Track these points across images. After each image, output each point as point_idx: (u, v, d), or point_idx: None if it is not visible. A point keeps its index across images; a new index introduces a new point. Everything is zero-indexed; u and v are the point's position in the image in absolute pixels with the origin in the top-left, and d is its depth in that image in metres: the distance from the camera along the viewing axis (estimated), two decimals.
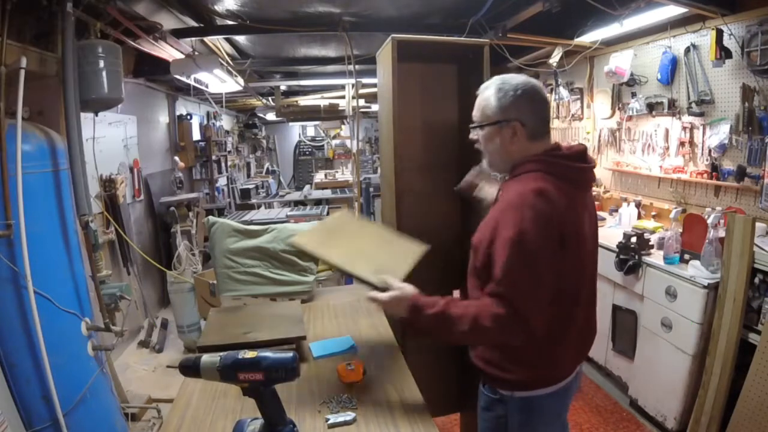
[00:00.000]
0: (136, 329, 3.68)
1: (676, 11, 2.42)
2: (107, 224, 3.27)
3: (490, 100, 1.19)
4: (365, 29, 3.02)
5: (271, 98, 5.96)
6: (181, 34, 2.86)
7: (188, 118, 5.34)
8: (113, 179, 3.35)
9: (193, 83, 3.52)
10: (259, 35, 3.22)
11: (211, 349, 1.30)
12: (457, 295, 1.81)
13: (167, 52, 2.94)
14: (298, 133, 10.75)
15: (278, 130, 10.50)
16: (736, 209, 2.36)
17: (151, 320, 3.74)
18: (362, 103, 5.43)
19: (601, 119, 3.57)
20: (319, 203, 5.02)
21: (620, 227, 3.02)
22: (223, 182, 6.53)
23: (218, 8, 2.75)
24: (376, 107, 3.34)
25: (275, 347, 1.43)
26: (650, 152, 3.07)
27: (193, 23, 2.88)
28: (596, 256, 1.30)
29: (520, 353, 1.17)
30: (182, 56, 3.05)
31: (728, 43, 2.34)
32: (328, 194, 5.46)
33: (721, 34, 2.32)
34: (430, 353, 1.89)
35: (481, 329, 1.07)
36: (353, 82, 3.57)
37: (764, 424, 1.89)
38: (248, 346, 1.18)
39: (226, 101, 5.68)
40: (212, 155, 5.89)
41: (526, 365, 1.19)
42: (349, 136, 7.50)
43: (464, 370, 1.92)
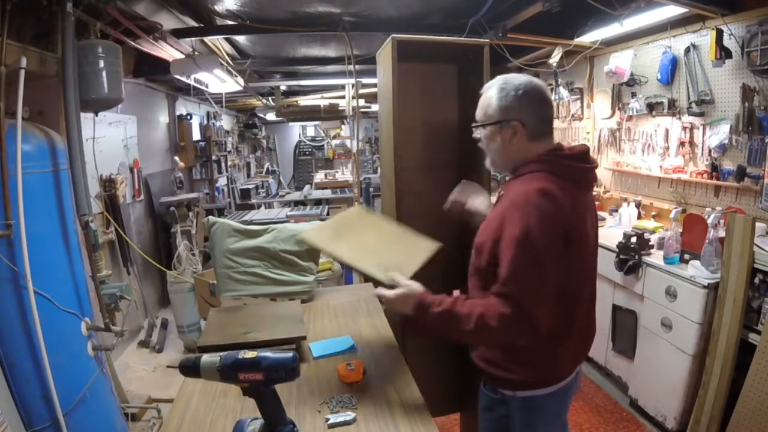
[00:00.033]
0: (136, 329, 3.68)
1: (676, 11, 2.42)
2: (107, 224, 3.27)
3: (491, 99, 1.19)
4: (365, 29, 3.02)
5: (271, 98, 5.96)
6: (181, 34, 2.86)
7: (188, 118, 5.33)
8: (113, 179, 3.35)
9: (193, 83, 3.52)
10: (259, 35, 3.22)
11: (211, 349, 1.30)
12: (457, 294, 1.81)
13: (167, 52, 2.94)
14: (298, 133, 10.75)
15: (278, 130, 10.50)
16: (736, 209, 2.36)
17: (151, 320, 3.74)
18: (362, 103, 5.43)
19: (601, 119, 3.57)
20: (319, 203, 5.02)
21: (620, 227, 3.02)
22: (223, 182, 6.52)
23: (218, 8, 2.76)
24: (376, 107, 3.34)
25: (275, 347, 1.43)
26: (650, 152, 3.07)
27: (193, 23, 2.88)
28: (596, 255, 1.30)
29: (523, 353, 1.17)
30: (182, 56, 3.05)
31: (728, 43, 2.34)
32: (328, 194, 5.46)
33: (721, 34, 2.32)
34: (430, 353, 1.89)
35: (486, 328, 1.07)
36: (353, 82, 3.57)
37: (764, 424, 1.89)
38: (248, 346, 1.18)
39: (226, 101, 5.67)
40: (212, 155, 5.89)
41: (529, 365, 1.19)
42: (349, 136, 7.50)
43: (464, 370, 1.92)
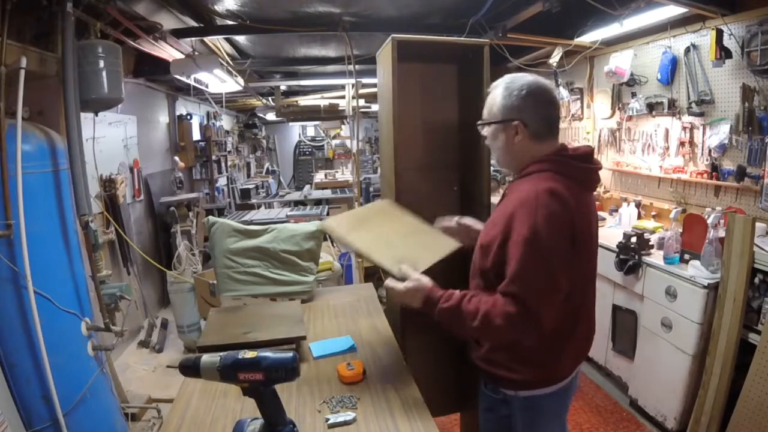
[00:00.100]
0: (136, 329, 3.68)
1: (676, 11, 2.42)
2: (107, 224, 3.27)
3: (497, 98, 1.20)
4: (365, 29, 3.02)
5: (271, 98, 5.96)
6: (181, 34, 2.86)
7: (188, 118, 5.33)
8: (113, 179, 3.35)
9: (193, 83, 3.52)
10: (259, 35, 3.22)
11: (211, 349, 1.31)
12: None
13: (167, 52, 2.94)
14: (298, 133, 10.75)
15: (278, 130, 10.50)
16: (736, 209, 2.36)
17: (151, 320, 3.74)
18: (362, 103, 5.43)
19: (601, 119, 3.57)
20: (319, 203, 5.03)
21: (620, 227, 3.02)
22: (223, 182, 6.52)
23: (218, 8, 2.75)
24: (376, 107, 3.34)
25: (275, 347, 1.43)
26: (650, 152, 3.07)
27: (193, 23, 2.88)
28: (597, 255, 1.30)
29: (527, 353, 1.18)
30: (182, 56, 3.05)
31: (728, 43, 2.34)
32: (328, 194, 5.46)
33: (721, 34, 2.32)
34: (430, 353, 1.88)
35: (491, 326, 1.08)
36: (353, 82, 3.56)
37: (764, 424, 1.89)
38: (248, 346, 1.18)
39: (226, 101, 5.67)
40: (212, 155, 5.89)
41: (533, 365, 1.19)
42: (349, 136, 7.49)
43: (464, 370, 1.91)
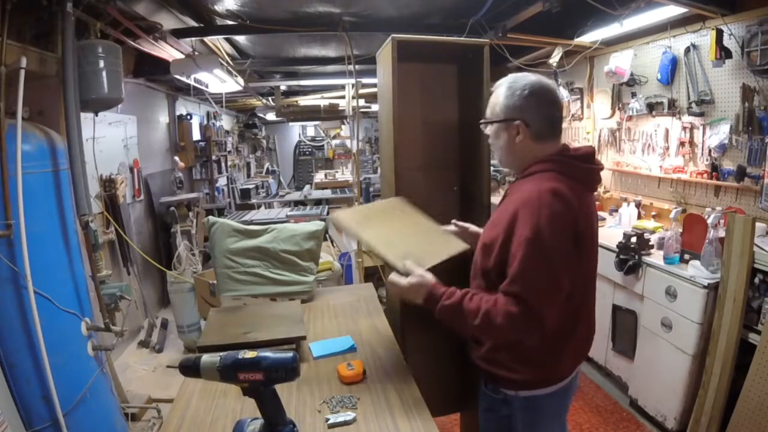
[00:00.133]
0: (136, 329, 3.68)
1: (676, 11, 2.42)
2: (107, 224, 3.27)
3: (499, 97, 1.20)
4: (365, 29, 3.02)
5: (271, 98, 5.96)
6: (181, 34, 2.86)
7: (188, 118, 5.33)
8: (113, 179, 3.35)
9: (193, 83, 3.52)
10: (259, 35, 3.22)
11: (211, 349, 1.31)
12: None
13: (167, 52, 2.94)
14: (298, 133, 10.75)
15: (278, 130, 10.50)
16: (736, 209, 2.36)
17: (151, 320, 3.74)
18: (362, 103, 5.43)
19: (601, 119, 3.57)
20: (319, 203, 5.03)
21: (620, 227, 3.02)
22: (223, 182, 6.52)
23: (218, 8, 2.75)
24: (376, 107, 3.34)
25: (275, 347, 1.43)
26: (650, 152, 3.07)
27: (193, 23, 2.88)
28: (597, 255, 1.30)
29: (529, 353, 1.18)
30: (182, 56, 3.05)
31: (728, 43, 2.34)
32: (328, 194, 5.47)
33: (721, 34, 2.32)
34: (430, 353, 1.88)
35: (492, 325, 1.08)
36: (353, 82, 3.56)
37: (764, 424, 1.89)
38: (248, 346, 1.18)
39: (226, 101, 5.67)
40: (212, 155, 5.89)
41: (534, 365, 1.19)
42: (349, 136, 7.50)
43: (464, 370, 1.91)
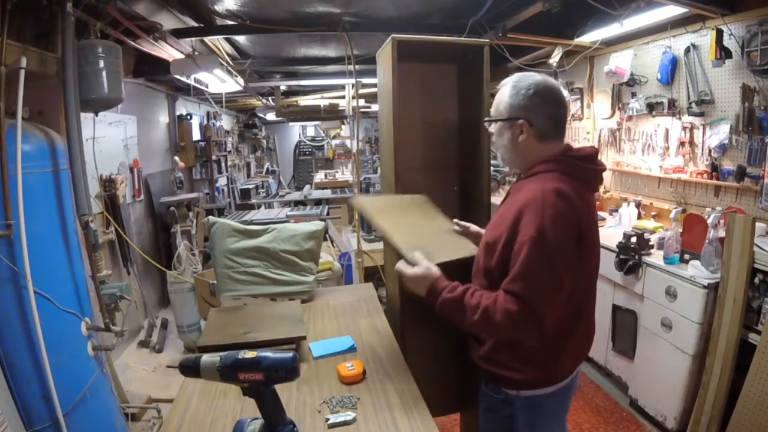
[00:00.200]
0: (136, 329, 3.68)
1: (676, 11, 2.42)
2: (107, 224, 3.27)
3: (504, 96, 1.20)
4: (365, 29, 3.02)
5: (271, 98, 5.96)
6: (181, 34, 2.86)
7: (188, 118, 5.34)
8: (113, 179, 3.35)
9: (193, 83, 3.52)
10: (259, 35, 3.22)
11: (211, 349, 1.31)
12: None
13: (167, 52, 2.94)
14: (298, 133, 10.76)
15: (278, 130, 10.50)
16: (736, 209, 2.36)
17: (151, 320, 3.74)
18: (362, 103, 5.43)
19: (601, 119, 3.57)
20: (319, 203, 5.02)
21: (620, 227, 3.02)
22: (223, 182, 6.52)
23: (218, 8, 2.75)
24: (376, 107, 3.34)
25: (275, 347, 1.43)
26: (650, 152, 3.07)
27: (193, 23, 2.88)
28: (599, 255, 1.30)
29: (530, 353, 1.18)
30: (182, 56, 3.05)
31: (728, 43, 2.34)
32: (328, 194, 5.47)
33: (721, 34, 2.32)
34: (430, 353, 1.88)
35: (491, 322, 1.09)
36: (353, 82, 3.56)
37: (764, 424, 1.89)
38: (248, 346, 1.18)
39: (226, 101, 5.67)
40: (212, 155, 5.89)
41: (535, 364, 1.19)
42: (349, 136, 7.50)
43: (464, 370, 1.91)
